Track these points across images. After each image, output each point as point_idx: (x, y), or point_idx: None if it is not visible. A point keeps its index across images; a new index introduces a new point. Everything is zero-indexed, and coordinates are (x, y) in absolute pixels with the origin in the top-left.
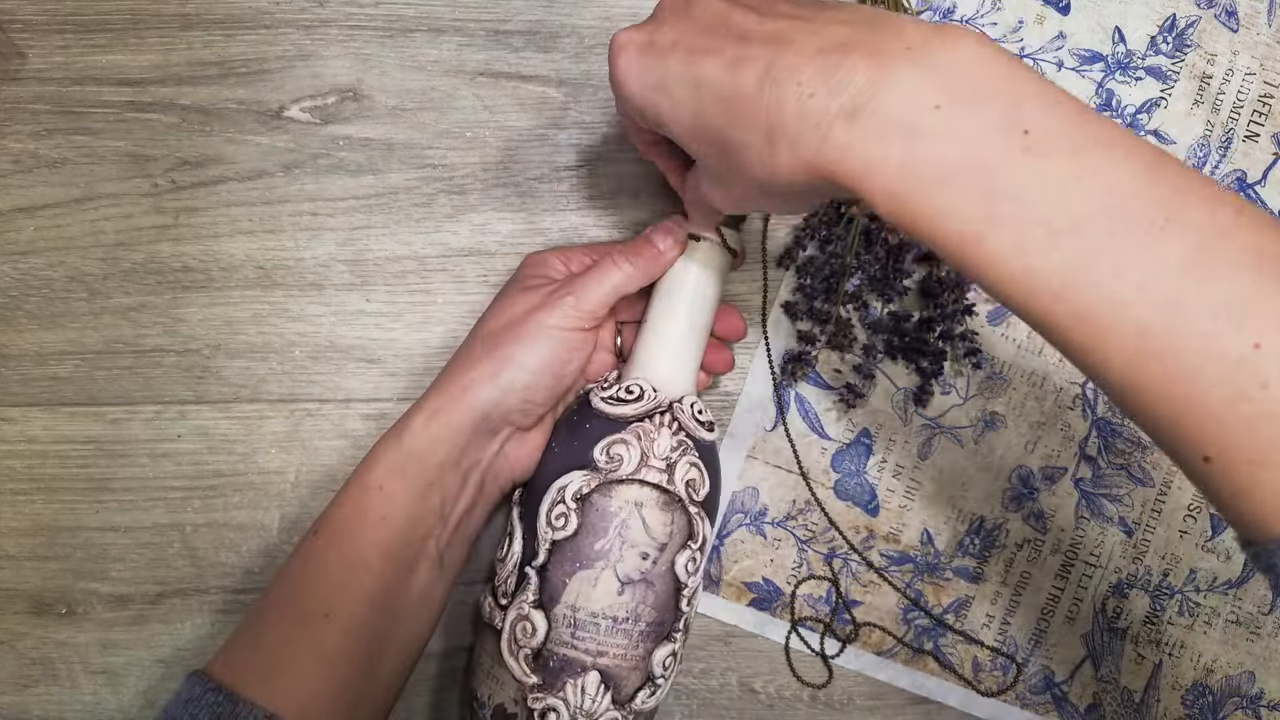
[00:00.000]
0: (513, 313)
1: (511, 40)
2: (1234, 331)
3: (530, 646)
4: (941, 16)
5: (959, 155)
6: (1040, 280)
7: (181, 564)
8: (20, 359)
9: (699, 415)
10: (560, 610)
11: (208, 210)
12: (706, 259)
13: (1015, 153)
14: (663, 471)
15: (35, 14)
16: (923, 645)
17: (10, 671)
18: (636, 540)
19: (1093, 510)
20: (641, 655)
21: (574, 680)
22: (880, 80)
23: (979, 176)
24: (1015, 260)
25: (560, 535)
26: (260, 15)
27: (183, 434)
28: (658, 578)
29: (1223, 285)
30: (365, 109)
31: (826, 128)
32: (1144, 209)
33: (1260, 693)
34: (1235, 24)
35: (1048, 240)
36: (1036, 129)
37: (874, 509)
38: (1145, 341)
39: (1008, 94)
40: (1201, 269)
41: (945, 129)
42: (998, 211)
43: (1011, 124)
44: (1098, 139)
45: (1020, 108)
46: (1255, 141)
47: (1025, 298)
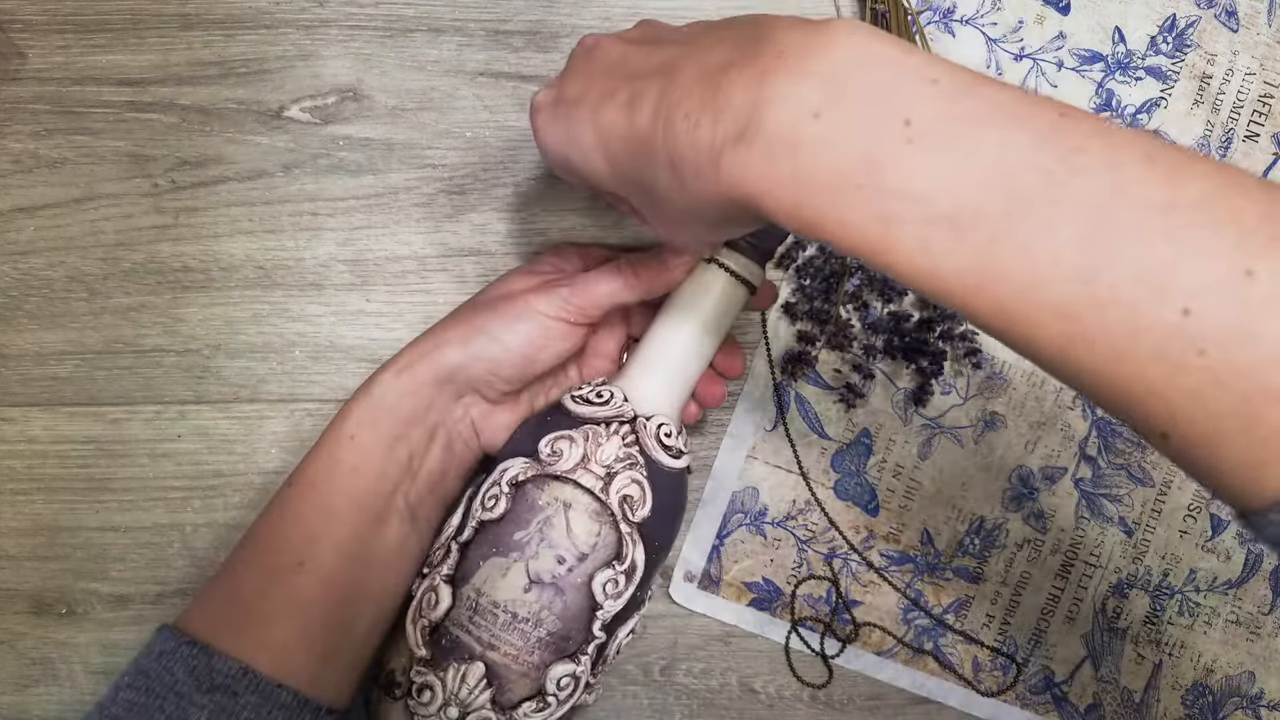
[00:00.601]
0: (509, 288)
1: (511, 40)
2: (1157, 300)
3: (430, 619)
4: (941, 16)
5: (845, 161)
6: (953, 276)
7: (181, 564)
8: (20, 359)
9: (665, 438)
10: (467, 591)
11: (208, 210)
12: (720, 288)
13: (899, 146)
14: (599, 478)
15: (35, 14)
16: (923, 645)
17: (10, 671)
18: (556, 541)
19: (1093, 510)
20: (535, 663)
21: (458, 665)
22: (758, 98)
23: (869, 178)
24: (923, 259)
25: (488, 516)
26: (260, 15)
27: (183, 434)
28: (570, 588)
29: (1133, 251)
30: (365, 109)
31: (717, 156)
32: (1037, 181)
33: (1260, 693)
34: (1235, 24)
35: (950, 234)
36: (917, 117)
37: (874, 509)
38: (1069, 324)
39: (885, 84)
40: (1108, 237)
41: (827, 136)
42: (894, 211)
43: (892, 116)
44: (980, 115)
45: (898, 97)
46: (1255, 141)
47: (946, 295)
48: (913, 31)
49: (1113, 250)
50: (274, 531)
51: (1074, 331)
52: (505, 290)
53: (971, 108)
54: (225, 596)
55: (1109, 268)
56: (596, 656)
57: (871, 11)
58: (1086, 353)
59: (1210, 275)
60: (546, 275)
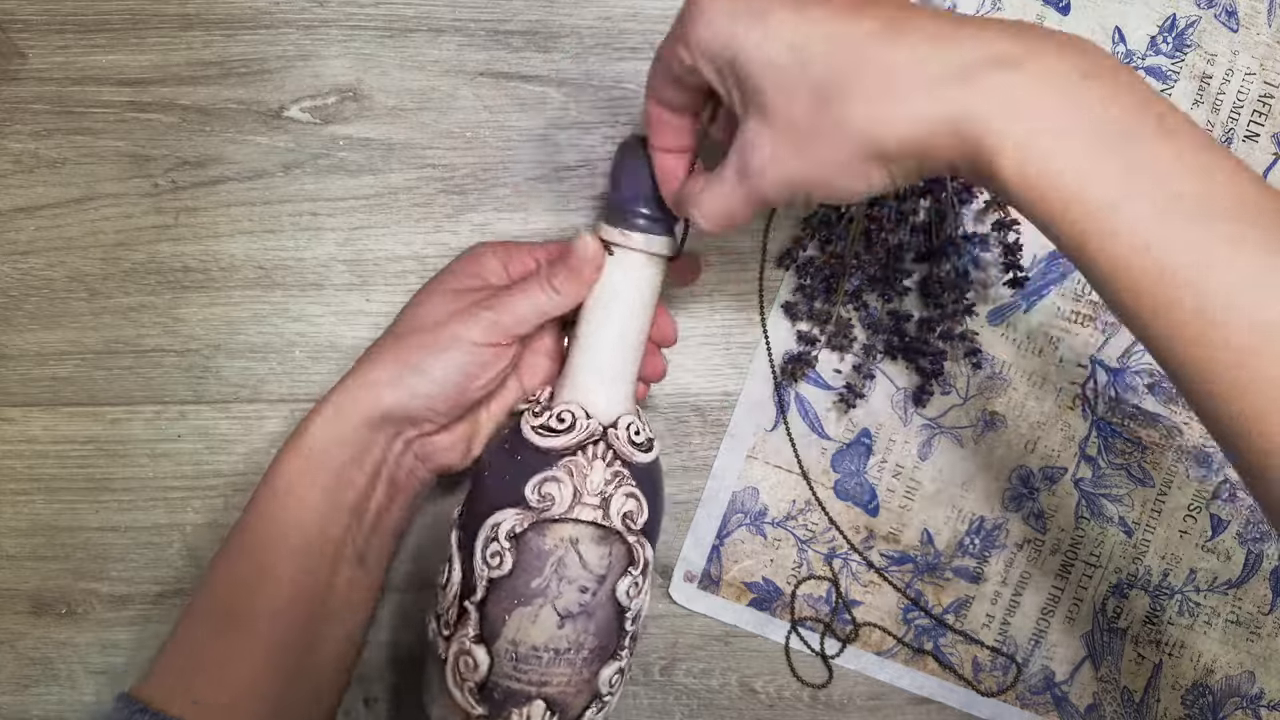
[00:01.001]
0: (433, 314)
1: (511, 40)
2: None
3: (474, 680)
4: None
5: (1106, 124)
6: (1166, 258)
7: (181, 564)
8: (20, 359)
9: (635, 437)
10: (501, 645)
11: (208, 210)
12: (638, 272)
13: (1156, 131)
14: (597, 508)
15: (35, 14)
16: (923, 645)
17: (10, 671)
18: (574, 576)
19: (1093, 510)
20: (586, 679)
21: (519, 710)
22: (1029, 43)
23: (1124, 147)
24: (1151, 229)
25: (497, 574)
26: (260, 15)
27: (183, 434)
28: (598, 607)
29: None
30: (365, 109)
31: (971, 76)
32: (1270, 208)
33: (1260, 693)
34: (1235, 24)
35: (1183, 218)
36: (1169, 117)
37: (874, 509)
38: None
39: (1137, 82)
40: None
41: (1093, 99)
42: (1136, 185)
43: (1149, 106)
44: (1209, 140)
45: (1152, 98)
46: (1255, 141)
47: (1150, 281)
48: None
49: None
50: (219, 593)
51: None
52: (429, 317)
53: (1200, 133)
54: (176, 661)
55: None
56: (631, 645)
57: None
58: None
59: None
60: (467, 293)
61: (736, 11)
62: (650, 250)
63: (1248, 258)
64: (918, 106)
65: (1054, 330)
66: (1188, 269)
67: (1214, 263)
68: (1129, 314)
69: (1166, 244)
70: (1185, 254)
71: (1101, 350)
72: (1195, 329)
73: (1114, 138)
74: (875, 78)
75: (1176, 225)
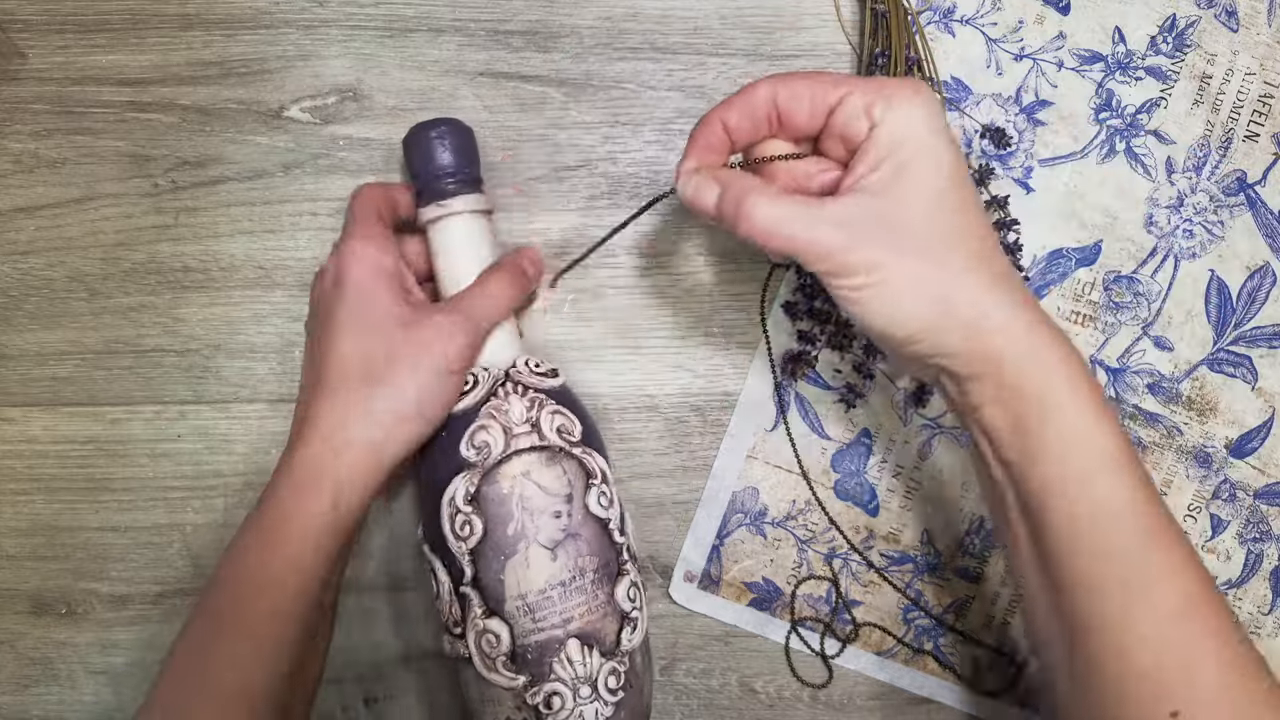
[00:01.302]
0: (397, 348)
1: (511, 40)
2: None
3: (503, 653)
4: (941, 16)
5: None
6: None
7: (181, 564)
8: (20, 359)
9: (537, 369)
10: (511, 605)
11: (208, 210)
12: (464, 231)
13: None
14: (530, 433)
15: (35, 14)
16: (923, 645)
17: (10, 671)
18: (542, 505)
19: None
20: (604, 601)
21: (557, 658)
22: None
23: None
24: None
25: (473, 542)
26: (260, 15)
27: (183, 434)
28: (580, 527)
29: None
30: (365, 109)
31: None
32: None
33: None
34: (1235, 24)
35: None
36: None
37: (874, 509)
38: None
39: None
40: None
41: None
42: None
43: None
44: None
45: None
46: (1255, 141)
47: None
48: (913, 31)
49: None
50: (195, 663)
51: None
52: (394, 350)
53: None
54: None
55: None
56: (631, 556)
57: (871, 12)
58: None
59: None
60: (420, 313)
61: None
62: (471, 209)
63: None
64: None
65: None
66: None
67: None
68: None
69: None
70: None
71: (1101, 350)
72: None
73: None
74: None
75: None
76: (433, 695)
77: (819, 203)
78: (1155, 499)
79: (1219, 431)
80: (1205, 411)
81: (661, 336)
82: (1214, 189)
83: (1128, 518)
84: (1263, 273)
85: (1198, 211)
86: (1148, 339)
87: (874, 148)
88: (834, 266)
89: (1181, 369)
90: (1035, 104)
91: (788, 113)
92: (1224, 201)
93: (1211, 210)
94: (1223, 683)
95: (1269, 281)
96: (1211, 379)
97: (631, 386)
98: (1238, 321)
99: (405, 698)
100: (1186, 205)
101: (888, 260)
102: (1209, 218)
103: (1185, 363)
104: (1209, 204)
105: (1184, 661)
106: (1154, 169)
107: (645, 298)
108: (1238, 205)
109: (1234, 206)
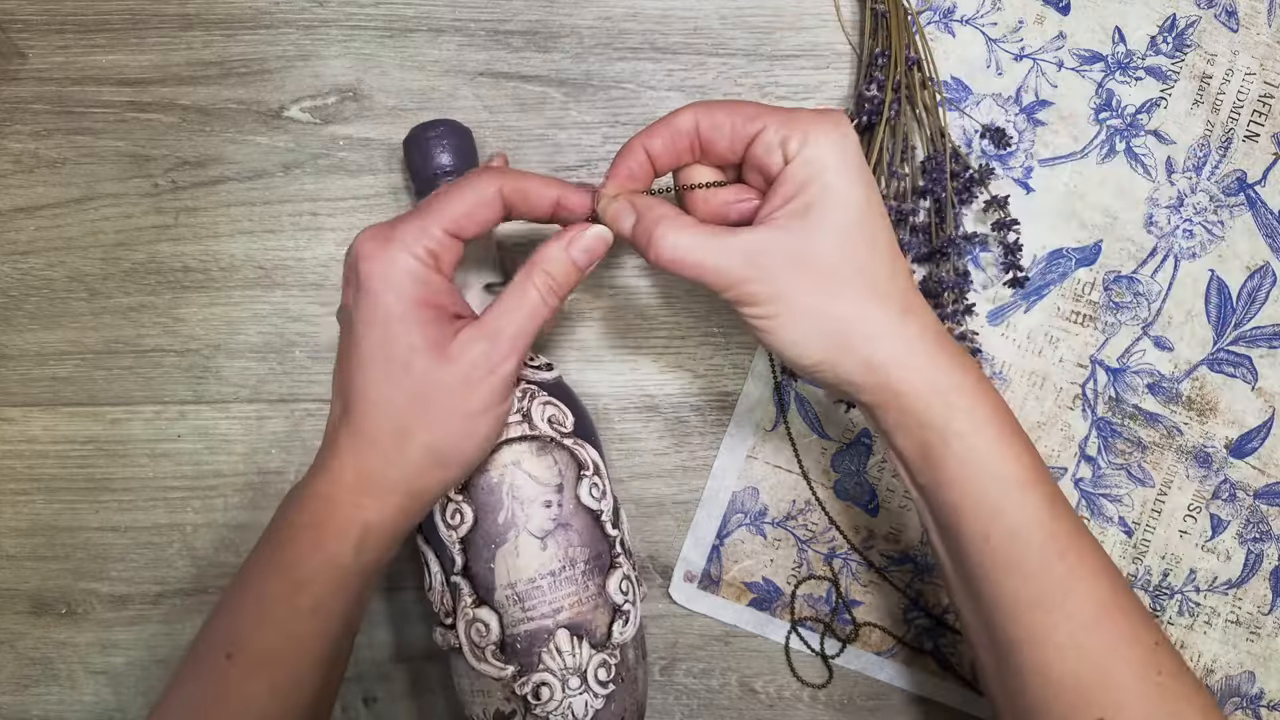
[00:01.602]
0: (431, 389)
1: (511, 40)
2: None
3: (492, 642)
4: (941, 16)
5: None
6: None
7: (181, 564)
8: (20, 359)
9: (531, 361)
10: (500, 594)
11: (208, 210)
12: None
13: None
14: (521, 423)
15: (35, 14)
16: (923, 645)
17: (10, 671)
18: (532, 495)
19: (1093, 510)
20: (594, 592)
21: (546, 648)
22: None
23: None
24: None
25: (464, 530)
26: (260, 15)
27: (183, 434)
28: (571, 517)
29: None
30: (365, 109)
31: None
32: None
33: (1260, 693)
34: (1235, 24)
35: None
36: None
37: (874, 509)
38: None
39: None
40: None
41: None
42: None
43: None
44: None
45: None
46: (1255, 141)
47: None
48: (913, 31)
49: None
50: (209, 693)
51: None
52: (432, 399)
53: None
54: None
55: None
56: (624, 550)
57: (871, 12)
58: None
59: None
60: (450, 350)
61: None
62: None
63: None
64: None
65: (1054, 330)
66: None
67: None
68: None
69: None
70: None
71: (1101, 350)
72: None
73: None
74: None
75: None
76: (432, 695)
77: (729, 233)
78: (1064, 513)
79: (1219, 431)
80: (1205, 411)
81: (661, 336)
82: (1214, 189)
83: (1036, 535)
84: (1263, 273)
85: (1198, 211)
86: (1148, 339)
87: (786, 182)
88: (739, 296)
89: (1181, 369)
90: (1035, 104)
91: (709, 141)
92: (1224, 201)
93: (1211, 210)
94: (1141, 687)
95: (1269, 281)
96: (1211, 379)
97: (631, 386)
98: (1238, 321)
99: (405, 698)
100: (1186, 205)
101: (789, 293)
102: (1209, 218)
103: (1185, 363)
104: (1209, 204)
105: (1101, 668)
106: (1154, 169)
107: (645, 298)
108: (1238, 205)
109: (1234, 206)
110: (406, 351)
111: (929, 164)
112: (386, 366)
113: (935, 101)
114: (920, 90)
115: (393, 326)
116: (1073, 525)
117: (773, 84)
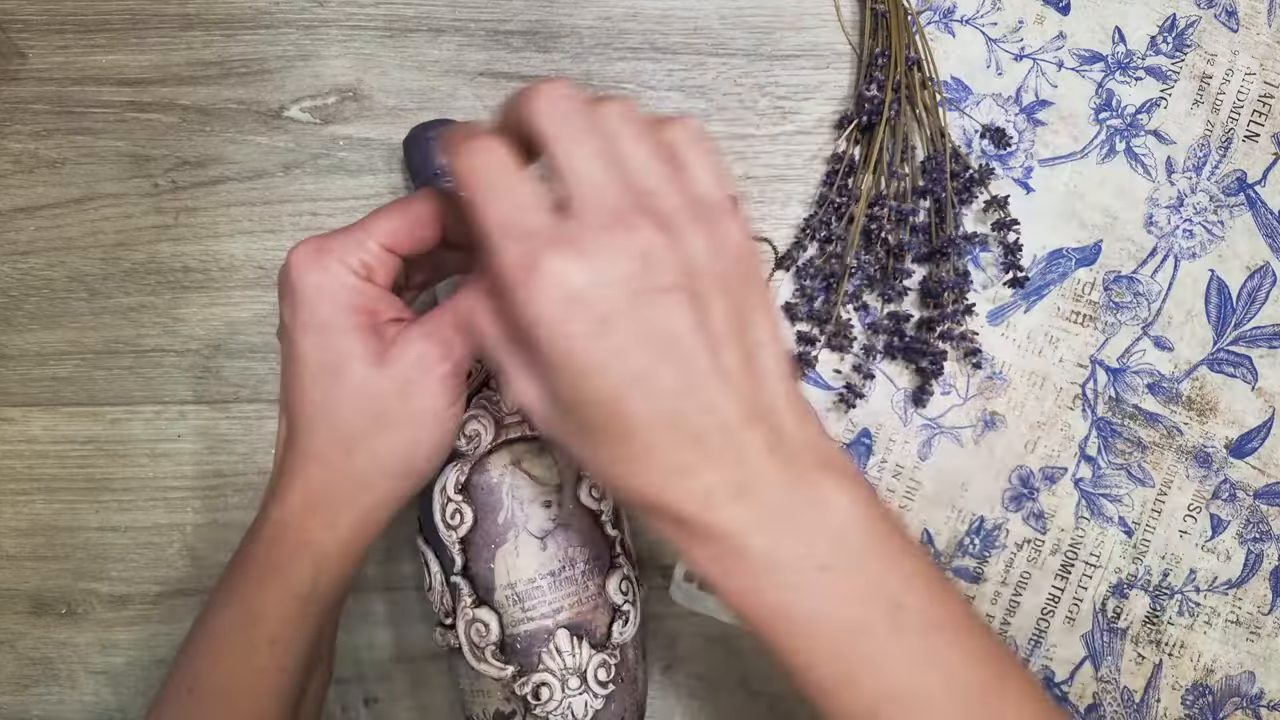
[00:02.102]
0: (374, 398)
1: (511, 40)
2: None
3: (492, 642)
4: (941, 16)
5: (833, 614)
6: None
7: (181, 564)
8: (20, 359)
9: None
10: (500, 595)
11: (208, 210)
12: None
13: (885, 625)
14: (520, 423)
15: (35, 14)
16: None
17: (10, 671)
18: (532, 495)
19: (1093, 510)
20: (594, 592)
21: (546, 648)
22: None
23: (848, 641)
24: (859, 708)
25: (464, 531)
26: (260, 15)
27: (183, 434)
28: (571, 518)
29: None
30: (365, 109)
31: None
32: (977, 690)
33: (1260, 693)
34: (1235, 24)
35: (898, 710)
36: (908, 603)
37: None
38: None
39: (883, 560)
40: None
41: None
42: (857, 675)
43: (887, 596)
44: (946, 620)
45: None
46: (1255, 141)
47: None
48: (913, 31)
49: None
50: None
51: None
52: (382, 405)
53: (946, 610)
54: None
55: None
56: (624, 551)
57: (871, 12)
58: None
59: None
60: (398, 348)
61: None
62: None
63: None
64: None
65: (1054, 330)
66: None
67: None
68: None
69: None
70: None
71: (1101, 350)
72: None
73: (841, 632)
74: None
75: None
76: (432, 695)
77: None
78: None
79: (1219, 431)
80: (1205, 411)
81: None
82: (1214, 189)
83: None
84: (1263, 273)
85: (1198, 211)
86: (1148, 339)
87: None
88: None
89: (1181, 369)
90: (1035, 104)
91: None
92: (1224, 201)
93: (1211, 210)
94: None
95: (1269, 281)
96: (1211, 379)
97: None
98: (1238, 321)
99: (405, 698)
100: (1186, 205)
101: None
102: (1209, 218)
103: (1185, 363)
104: (1209, 204)
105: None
106: (1154, 169)
107: None
108: (1238, 205)
109: (1234, 206)
110: (343, 359)
111: (929, 164)
112: (324, 376)
113: (935, 101)
114: (920, 90)
115: (328, 334)
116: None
117: (773, 84)
